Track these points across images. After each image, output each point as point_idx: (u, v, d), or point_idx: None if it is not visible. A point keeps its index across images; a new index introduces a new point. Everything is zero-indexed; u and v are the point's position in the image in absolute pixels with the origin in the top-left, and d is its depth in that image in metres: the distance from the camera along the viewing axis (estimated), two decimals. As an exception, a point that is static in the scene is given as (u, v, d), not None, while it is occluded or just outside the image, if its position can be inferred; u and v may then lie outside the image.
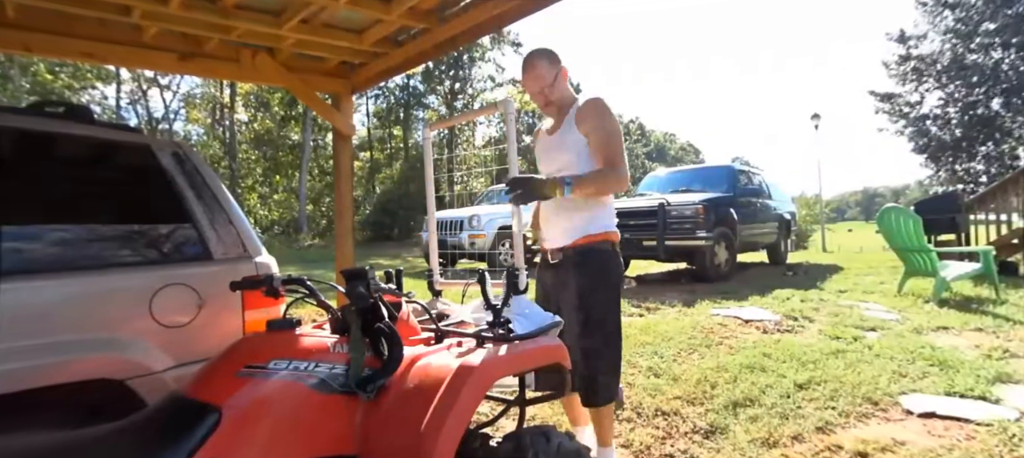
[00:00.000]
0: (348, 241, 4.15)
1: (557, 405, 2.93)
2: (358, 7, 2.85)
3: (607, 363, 2.01)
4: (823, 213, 21.07)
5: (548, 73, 2.05)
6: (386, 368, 1.29)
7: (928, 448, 2.40)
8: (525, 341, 1.41)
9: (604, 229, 2.05)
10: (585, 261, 2.03)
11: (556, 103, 2.10)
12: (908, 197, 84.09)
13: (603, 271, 2.03)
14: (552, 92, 2.08)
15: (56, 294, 1.73)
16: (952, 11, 20.02)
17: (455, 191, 7.43)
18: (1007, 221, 8.17)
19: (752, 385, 3.12)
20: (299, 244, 20.09)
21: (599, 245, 2.04)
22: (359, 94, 5.32)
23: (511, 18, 2.94)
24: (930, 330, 4.39)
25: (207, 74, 3.97)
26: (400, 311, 1.52)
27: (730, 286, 6.60)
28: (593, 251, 2.03)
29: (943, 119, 20.59)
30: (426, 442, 1.13)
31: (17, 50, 2.91)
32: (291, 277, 1.47)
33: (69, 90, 20.72)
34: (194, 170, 2.10)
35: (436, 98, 30.08)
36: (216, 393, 1.15)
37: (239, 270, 1.99)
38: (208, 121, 27.39)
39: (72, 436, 1.12)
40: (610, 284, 2.04)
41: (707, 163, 17.80)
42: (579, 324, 1.99)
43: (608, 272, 2.03)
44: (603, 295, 2.02)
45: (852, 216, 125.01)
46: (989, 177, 18.76)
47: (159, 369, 1.83)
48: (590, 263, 2.02)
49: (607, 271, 2.03)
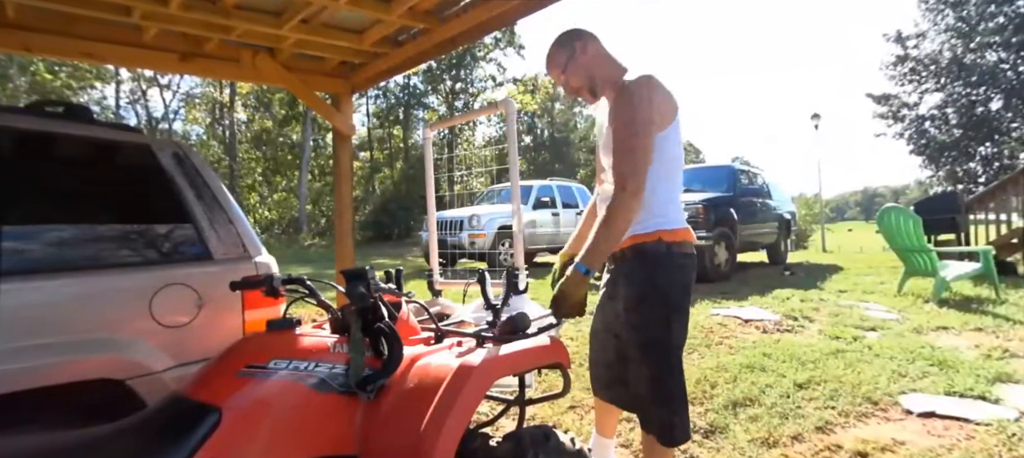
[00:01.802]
0: (348, 241, 4.16)
1: (557, 405, 2.93)
2: (358, 7, 2.85)
3: (664, 392, 1.63)
4: (823, 213, 21.07)
5: (560, 56, 1.74)
6: (386, 368, 1.29)
7: (928, 448, 2.40)
8: (525, 341, 1.41)
9: (656, 227, 1.65)
10: (632, 268, 1.68)
11: (586, 87, 1.75)
12: (908, 197, 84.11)
13: (649, 278, 1.64)
14: (572, 77, 1.74)
15: (56, 294, 1.72)
16: (953, 10, 20.02)
17: (455, 191, 7.42)
18: (1007, 221, 8.17)
19: (752, 385, 3.12)
20: (299, 244, 20.08)
21: (652, 246, 1.65)
22: (359, 94, 5.33)
23: (511, 18, 2.94)
24: (930, 330, 4.39)
25: (207, 74, 3.97)
26: (400, 311, 1.52)
27: (730, 286, 6.60)
28: (642, 254, 1.67)
29: (942, 120, 20.59)
30: (426, 442, 1.13)
31: (17, 50, 2.91)
32: (291, 277, 1.46)
33: (68, 90, 20.69)
34: (194, 170, 2.10)
35: (437, 98, 30.09)
36: (216, 393, 1.15)
37: (239, 270, 1.99)
38: (208, 121, 27.38)
39: (72, 436, 1.12)
40: (659, 293, 1.63)
41: (707, 163, 17.74)
42: (627, 345, 1.70)
43: (655, 279, 1.64)
44: (651, 307, 1.64)
45: (852, 216, 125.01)
46: (988, 178, 18.76)
47: (159, 369, 1.83)
48: (637, 269, 1.67)
49: (654, 277, 1.64)
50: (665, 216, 1.66)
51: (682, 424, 1.65)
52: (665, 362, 1.63)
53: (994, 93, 19.66)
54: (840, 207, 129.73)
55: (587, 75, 1.73)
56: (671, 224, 1.66)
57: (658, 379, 1.64)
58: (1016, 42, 18.52)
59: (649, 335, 1.64)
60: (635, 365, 1.69)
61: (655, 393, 1.64)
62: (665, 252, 1.65)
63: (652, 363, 1.64)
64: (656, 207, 1.65)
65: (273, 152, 27.05)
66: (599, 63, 1.73)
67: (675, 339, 1.65)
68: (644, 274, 1.66)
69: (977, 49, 19.39)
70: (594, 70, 1.73)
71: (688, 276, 1.69)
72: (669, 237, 1.65)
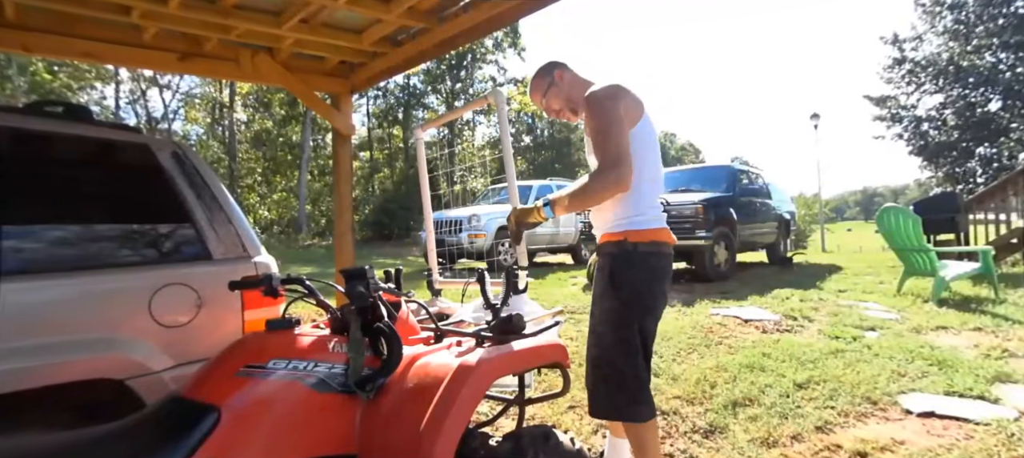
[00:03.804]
0: (348, 241, 4.16)
1: (557, 405, 2.93)
2: (357, 7, 2.85)
3: (603, 375, 1.82)
4: (822, 213, 21.08)
5: (541, 85, 2.01)
6: (385, 367, 1.29)
7: (927, 447, 2.40)
8: (525, 340, 1.40)
9: (626, 227, 1.81)
10: (602, 263, 1.88)
11: (566, 108, 2.01)
12: (907, 197, 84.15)
13: (610, 275, 1.81)
14: (553, 101, 2.01)
15: (55, 294, 1.72)
16: (951, 12, 20.03)
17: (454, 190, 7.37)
18: (1006, 221, 8.18)
19: (751, 385, 3.12)
20: (299, 244, 20.08)
21: (617, 244, 1.83)
22: (359, 94, 5.32)
23: (510, 18, 2.94)
24: (929, 330, 4.40)
25: (206, 74, 3.97)
26: (399, 310, 1.52)
27: (729, 286, 6.60)
28: (607, 252, 1.86)
29: (940, 121, 20.60)
30: (425, 441, 1.13)
31: (17, 50, 2.91)
32: (290, 277, 1.46)
33: (68, 90, 20.68)
34: (193, 170, 2.10)
35: (437, 98, 30.09)
36: (215, 393, 1.15)
37: (238, 270, 1.99)
38: (207, 121, 27.38)
39: (72, 436, 1.12)
40: (617, 288, 1.79)
41: (707, 163, 17.78)
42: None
43: (614, 277, 1.80)
44: (607, 304, 1.82)
45: (851, 216, 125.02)
46: (987, 178, 18.78)
47: (158, 369, 1.83)
48: (603, 266, 1.86)
49: (613, 275, 1.80)
50: (635, 217, 1.82)
51: (641, 410, 1.78)
52: (611, 345, 1.79)
53: (992, 94, 19.66)
54: (840, 207, 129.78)
55: (566, 97, 1.99)
56: (638, 226, 1.82)
57: (598, 359, 1.83)
58: (1015, 43, 18.52)
59: (604, 322, 1.82)
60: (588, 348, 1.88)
61: (594, 369, 1.84)
62: (632, 250, 1.81)
63: (598, 346, 1.83)
64: (627, 207, 1.82)
65: (273, 152, 27.05)
66: (574, 85, 1.98)
67: (628, 330, 1.78)
68: (609, 269, 1.83)
69: (975, 51, 19.39)
70: (571, 92, 1.98)
71: (652, 273, 1.82)
72: (635, 236, 1.81)
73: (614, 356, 1.80)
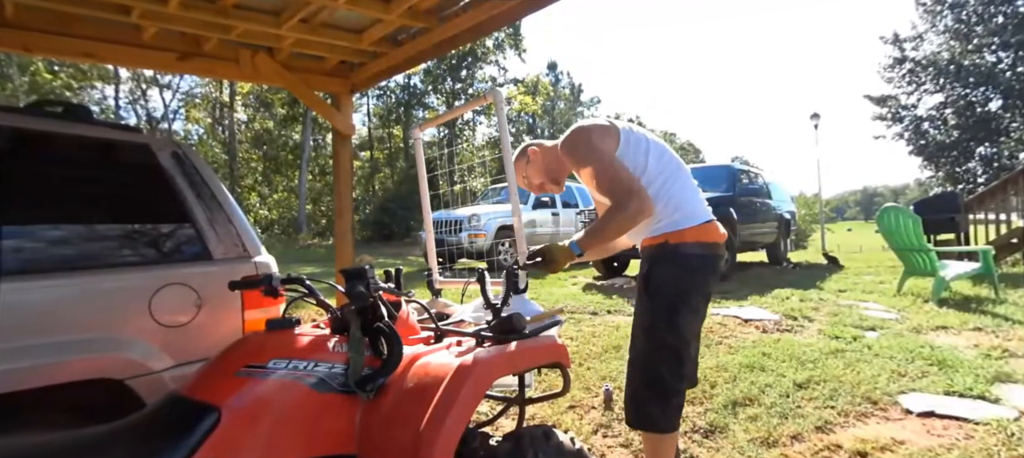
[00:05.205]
0: (348, 241, 4.16)
1: (557, 405, 2.94)
2: (357, 7, 2.85)
3: (639, 380, 1.81)
4: (823, 213, 21.08)
5: (520, 167, 2.13)
6: (385, 367, 1.29)
7: (927, 447, 2.40)
8: (525, 340, 1.41)
9: (664, 229, 1.82)
10: (643, 269, 1.88)
11: (547, 180, 2.11)
12: (907, 197, 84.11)
13: (644, 278, 1.85)
14: (533, 177, 2.12)
15: (55, 294, 1.72)
16: (951, 11, 20.03)
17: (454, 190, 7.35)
18: (1006, 221, 8.18)
19: (751, 384, 3.12)
20: (300, 244, 20.09)
21: (659, 246, 1.83)
22: (359, 94, 5.33)
23: (510, 18, 2.94)
24: (929, 329, 4.40)
25: (206, 74, 3.97)
26: (400, 310, 1.52)
27: (729, 286, 6.60)
28: (646, 256, 1.89)
29: (941, 120, 20.60)
30: (425, 441, 1.13)
31: (17, 50, 2.91)
32: (290, 276, 1.46)
33: (68, 90, 20.69)
34: (193, 169, 2.10)
35: (437, 97, 30.10)
36: (215, 393, 1.15)
37: (238, 270, 1.99)
38: (208, 121, 27.39)
39: (71, 436, 1.12)
40: (655, 287, 1.81)
41: (707, 163, 17.75)
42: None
43: (648, 278, 1.83)
44: (640, 306, 1.85)
45: (852, 215, 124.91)
46: (987, 177, 18.77)
47: (158, 369, 1.83)
48: (641, 268, 1.90)
49: (648, 277, 1.83)
50: (673, 218, 1.82)
51: (652, 412, 1.77)
52: (652, 350, 1.79)
53: (993, 93, 19.66)
54: (840, 207, 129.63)
55: (544, 170, 2.10)
56: (676, 227, 1.81)
57: (636, 362, 1.82)
58: (1015, 42, 18.52)
59: (643, 323, 1.83)
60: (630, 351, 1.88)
61: (633, 374, 1.83)
62: (673, 250, 1.80)
63: (638, 348, 1.83)
64: (665, 211, 1.82)
65: (273, 152, 27.07)
66: (549, 158, 2.09)
67: (667, 331, 1.76)
68: (644, 272, 1.86)
69: (975, 50, 19.39)
70: (546, 163, 2.09)
71: (694, 271, 1.80)
72: (677, 238, 1.80)
73: (664, 357, 1.78)
